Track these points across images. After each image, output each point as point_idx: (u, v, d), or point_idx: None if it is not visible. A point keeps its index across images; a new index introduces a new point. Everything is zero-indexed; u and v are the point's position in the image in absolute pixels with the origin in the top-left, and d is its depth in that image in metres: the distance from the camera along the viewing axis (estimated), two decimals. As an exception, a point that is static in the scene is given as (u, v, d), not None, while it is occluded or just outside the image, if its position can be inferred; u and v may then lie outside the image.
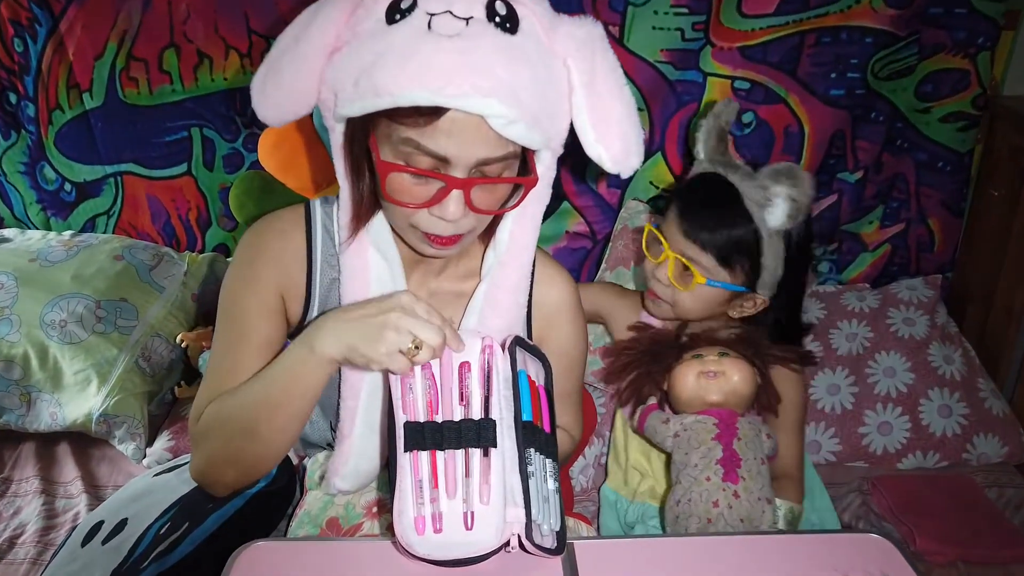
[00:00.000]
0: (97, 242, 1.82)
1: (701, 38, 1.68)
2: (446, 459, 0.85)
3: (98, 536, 1.22)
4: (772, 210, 1.26)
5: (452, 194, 0.85)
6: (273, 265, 1.03)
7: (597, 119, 0.88)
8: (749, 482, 1.18)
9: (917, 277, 1.85)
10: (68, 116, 1.82)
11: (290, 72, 0.86)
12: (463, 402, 0.88)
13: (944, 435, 1.63)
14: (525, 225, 1.00)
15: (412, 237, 0.95)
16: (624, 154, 0.90)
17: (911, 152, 1.80)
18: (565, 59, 0.86)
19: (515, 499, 0.84)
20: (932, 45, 1.69)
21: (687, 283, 1.32)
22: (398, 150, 0.84)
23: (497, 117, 0.80)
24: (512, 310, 1.04)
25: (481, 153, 0.83)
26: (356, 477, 1.06)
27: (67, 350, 1.63)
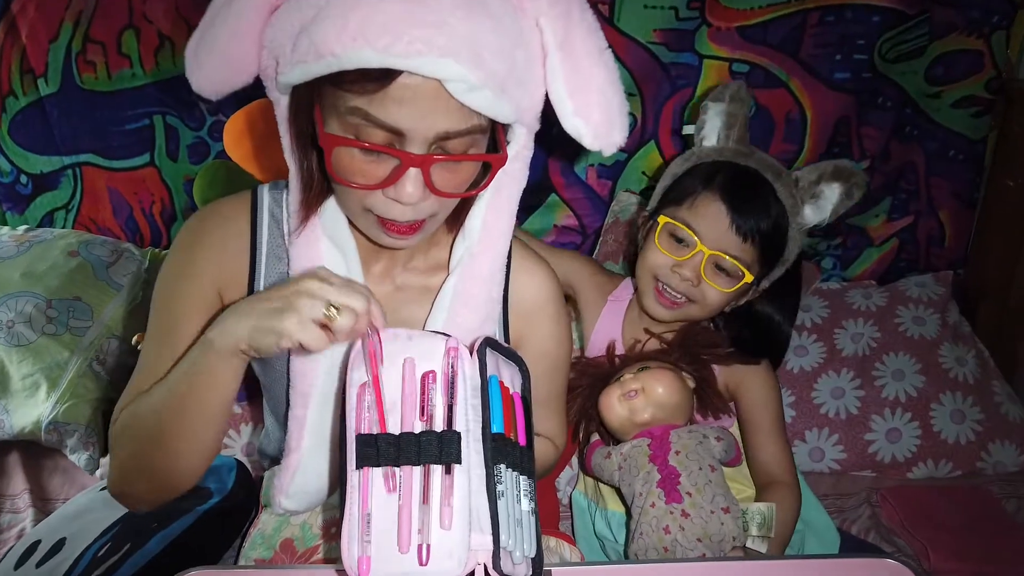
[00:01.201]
0: (52, 237, 1.71)
1: (697, 18, 1.58)
2: (402, 477, 0.75)
3: (33, 558, 1.13)
4: (819, 204, 1.23)
5: (408, 173, 0.75)
6: (211, 256, 0.92)
7: (574, 87, 0.78)
8: (697, 496, 1.11)
9: (926, 273, 1.77)
10: (22, 103, 1.72)
11: (225, 34, 0.76)
12: (424, 417, 0.77)
13: (957, 442, 1.53)
14: (499, 211, 0.89)
15: (366, 224, 0.84)
16: (606, 127, 0.80)
17: (921, 140, 1.71)
18: (537, 18, 0.76)
19: (481, 524, 0.74)
20: (944, 24, 1.60)
21: (724, 282, 1.22)
22: (347, 122, 0.74)
23: (456, 82, 0.69)
24: (485, 305, 0.93)
25: (440, 125, 0.73)
26: (304, 496, 0.95)
27: (14, 353, 1.52)
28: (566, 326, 1.07)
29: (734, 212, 1.18)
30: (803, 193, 1.23)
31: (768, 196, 1.20)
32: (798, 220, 1.22)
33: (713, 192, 1.21)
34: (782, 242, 1.22)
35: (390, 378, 0.80)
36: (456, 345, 0.81)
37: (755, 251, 1.20)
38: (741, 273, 1.20)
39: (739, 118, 1.27)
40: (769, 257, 1.22)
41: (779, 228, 1.20)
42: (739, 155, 1.25)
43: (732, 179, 1.21)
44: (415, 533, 0.73)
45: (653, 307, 1.27)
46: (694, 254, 1.20)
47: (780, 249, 1.22)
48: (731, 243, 1.19)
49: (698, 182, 1.23)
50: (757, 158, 1.24)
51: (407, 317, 0.96)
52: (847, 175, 1.22)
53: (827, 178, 1.23)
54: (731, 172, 1.22)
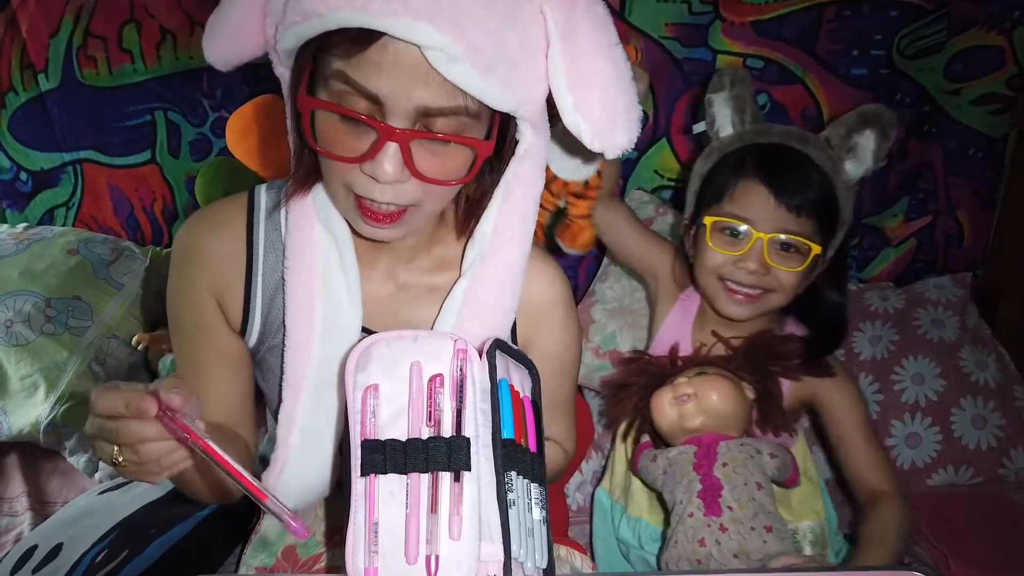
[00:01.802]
0: (51, 235, 1.68)
1: (710, 12, 1.54)
2: (409, 484, 0.71)
3: (29, 563, 1.10)
4: (859, 154, 1.19)
5: (387, 148, 0.71)
6: (203, 268, 0.89)
7: (576, 80, 0.74)
8: (738, 511, 1.07)
9: (944, 275, 1.71)
10: (22, 99, 1.70)
11: (236, 6, 0.76)
12: (431, 423, 0.74)
13: (978, 448, 1.49)
14: (512, 215, 0.85)
15: (346, 206, 0.80)
16: (608, 126, 0.75)
17: (939, 138, 1.66)
18: (541, 5, 0.72)
19: (491, 533, 0.71)
20: (963, 19, 1.55)
21: (794, 261, 1.17)
22: (331, 89, 0.71)
23: (435, 50, 0.66)
24: (496, 313, 0.90)
25: (421, 98, 0.69)
26: (292, 494, 0.91)
27: (12, 353, 1.49)
28: (575, 328, 1.03)
29: (776, 189, 1.15)
30: (838, 150, 1.19)
31: (804, 164, 1.17)
32: (842, 178, 1.19)
33: (749, 176, 1.17)
34: (834, 205, 1.18)
35: (396, 381, 0.77)
36: (465, 347, 0.78)
37: (812, 221, 1.16)
38: (807, 247, 1.16)
39: (746, 99, 1.24)
40: (828, 223, 1.18)
41: (826, 192, 1.17)
42: (760, 134, 1.22)
43: (763, 158, 1.18)
44: (423, 543, 0.70)
45: (729, 308, 1.22)
46: (752, 243, 1.16)
47: (835, 212, 1.18)
48: (786, 220, 1.15)
49: (730, 173, 1.20)
50: (778, 131, 1.22)
51: (411, 318, 0.93)
52: (874, 118, 1.19)
53: (856, 128, 1.19)
54: (759, 152, 1.19)
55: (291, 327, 0.87)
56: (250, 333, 0.91)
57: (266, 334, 0.92)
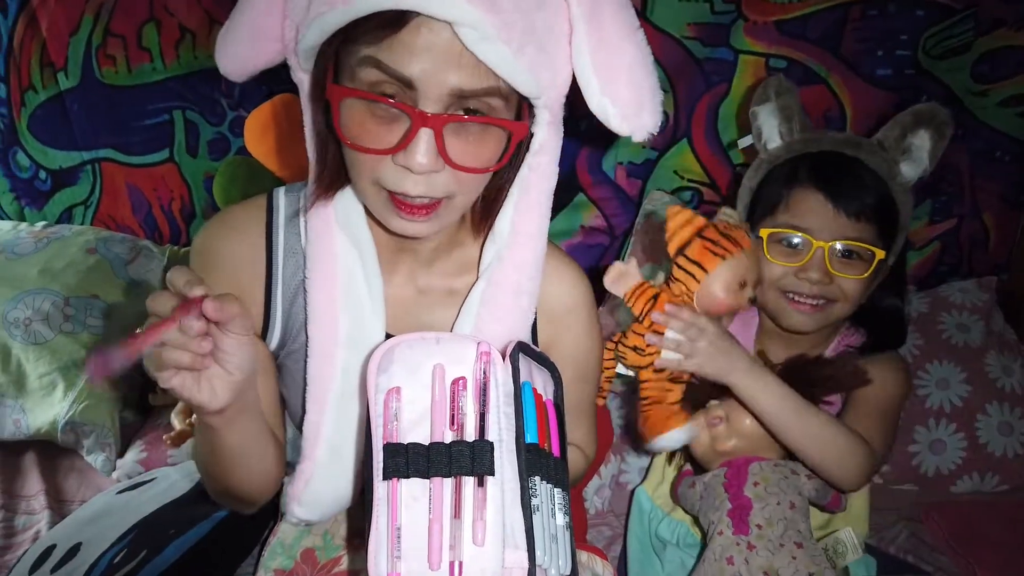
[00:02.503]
0: (70, 234, 1.69)
1: (733, 11, 1.52)
2: (432, 489, 0.71)
3: (48, 562, 1.10)
4: (914, 155, 1.17)
5: (420, 135, 0.70)
6: (223, 273, 0.87)
7: (602, 63, 0.73)
8: (767, 529, 1.05)
9: (969, 278, 1.69)
10: (42, 97, 1.70)
11: (251, 10, 0.76)
12: (454, 426, 0.73)
13: (1004, 455, 1.46)
14: (529, 211, 0.85)
15: (377, 203, 0.78)
16: (635, 108, 0.75)
17: (965, 139, 1.64)
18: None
19: (516, 540, 0.70)
20: (991, 19, 1.53)
21: (857, 267, 1.14)
22: (358, 78, 0.70)
23: (469, 27, 0.65)
24: (514, 314, 0.88)
25: (454, 80, 0.68)
26: (318, 506, 0.90)
27: (31, 351, 1.50)
28: (597, 332, 1.02)
29: (833, 196, 1.13)
30: (892, 152, 1.18)
31: (859, 169, 1.15)
32: (899, 181, 1.17)
33: (803, 185, 1.16)
34: (892, 209, 1.16)
35: (419, 385, 0.76)
36: (488, 349, 0.77)
37: (871, 227, 1.14)
38: (871, 253, 1.13)
39: (793, 108, 1.23)
40: (888, 228, 1.16)
41: (883, 196, 1.15)
42: (810, 143, 1.20)
43: (816, 166, 1.17)
44: (446, 549, 0.69)
45: (794, 320, 1.19)
46: (813, 253, 1.14)
47: (894, 216, 1.17)
48: (845, 227, 1.13)
49: (782, 183, 1.19)
50: (830, 139, 1.20)
51: (430, 322, 0.92)
52: (928, 117, 1.18)
53: (910, 128, 1.18)
54: (812, 160, 1.18)
55: (314, 337, 0.86)
56: (271, 337, 0.91)
57: (286, 338, 0.91)
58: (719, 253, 1.06)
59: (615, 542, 1.36)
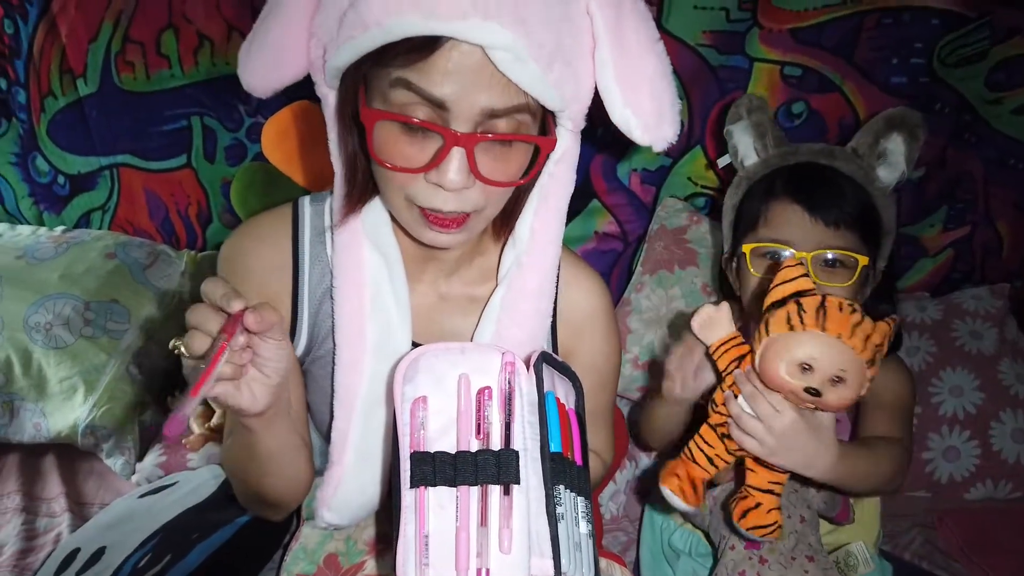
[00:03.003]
0: (89, 238, 1.70)
1: (748, 19, 1.53)
2: (459, 498, 0.71)
3: (73, 566, 1.11)
4: (890, 160, 1.17)
5: (452, 154, 0.72)
6: (252, 280, 0.90)
7: (624, 76, 0.75)
8: (779, 543, 1.05)
9: (982, 286, 1.69)
10: (61, 103, 1.71)
11: (275, 28, 0.77)
12: (480, 435, 0.74)
13: (1018, 462, 1.47)
14: (548, 218, 0.87)
15: (409, 218, 0.81)
16: (656, 118, 0.77)
17: (979, 147, 1.64)
18: (588, 5, 0.74)
19: (541, 548, 0.72)
20: (1006, 28, 1.53)
21: (841, 276, 1.12)
22: (391, 100, 0.72)
23: (502, 50, 0.68)
24: (533, 319, 0.90)
25: (485, 100, 0.71)
26: (347, 511, 0.93)
27: (52, 355, 1.51)
28: (615, 340, 1.04)
29: (810, 206, 1.12)
30: (868, 158, 1.18)
31: (835, 177, 1.16)
32: (877, 187, 1.17)
33: (780, 198, 1.16)
34: (873, 215, 1.16)
35: (444, 394, 0.77)
36: (513, 360, 0.78)
37: (852, 234, 1.13)
38: (854, 260, 1.11)
39: (766, 125, 1.24)
40: (871, 235, 1.16)
41: (862, 203, 1.15)
42: (786, 156, 1.21)
43: (792, 178, 1.17)
44: (473, 557, 0.70)
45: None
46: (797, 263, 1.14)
47: (875, 221, 1.16)
48: (825, 236, 1.12)
49: (761, 198, 1.19)
50: (804, 150, 1.21)
51: (452, 329, 0.94)
52: (899, 120, 1.18)
53: (882, 133, 1.19)
54: (787, 173, 1.19)
55: (341, 346, 0.87)
56: (297, 344, 0.92)
57: (312, 344, 0.93)
58: (793, 322, 0.88)
59: (630, 547, 1.37)
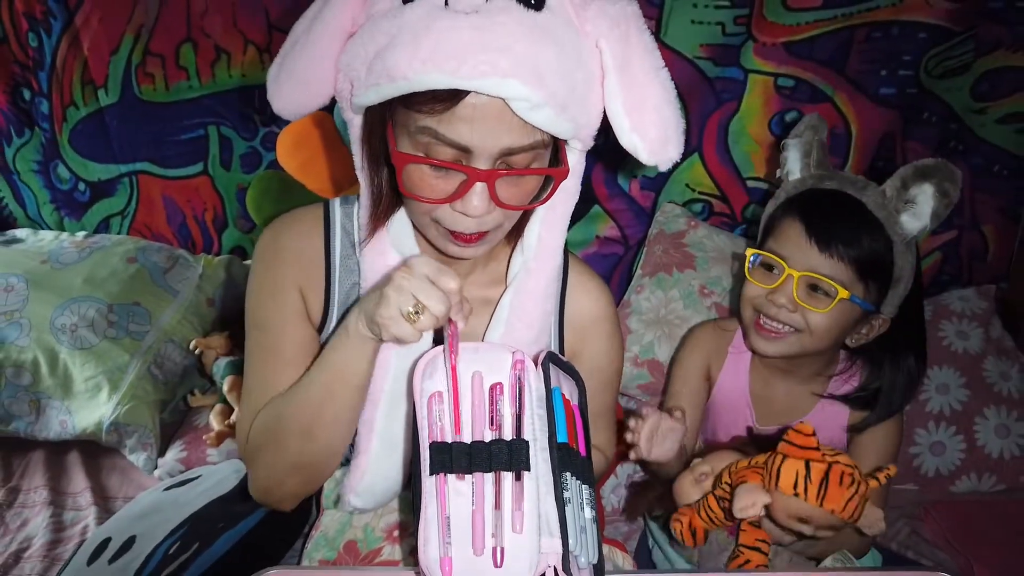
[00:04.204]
0: (110, 244, 1.76)
1: (743, 33, 1.59)
2: (474, 483, 0.78)
3: (105, 554, 1.17)
4: (915, 211, 1.14)
5: (475, 187, 0.79)
6: (292, 266, 0.96)
7: (632, 105, 0.80)
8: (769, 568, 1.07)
9: (969, 287, 1.75)
10: (83, 113, 1.78)
11: (304, 60, 0.82)
12: (494, 427, 0.80)
13: (1001, 456, 1.53)
14: (554, 226, 0.93)
15: (434, 234, 0.88)
16: (662, 143, 0.82)
17: (965, 155, 1.70)
18: (597, 40, 0.79)
19: (550, 528, 0.77)
20: (990, 41, 1.60)
21: (820, 302, 1.15)
22: (416, 140, 0.78)
23: (520, 100, 0.73)
24: (540, 319, 0.97)
25: (505, 142, 0.77)
26: (372, 495, 0.99)
27: (77, 356, 1.57)
28: (619, 343, 1.09)
29: (813, 229, 1.15)
30: (895, 202, 1.15)
31: (855, 210, 1.15)
32: (898, 231, 1.14)
33: (792, 215, 1.18)
34: (884, 258, 1.15)
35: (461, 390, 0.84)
36: (522, 358, 0.84)
37: (847, 268, 1.13)
38: (835, 290, 1.13)
39: (814, 144, 1.24)
40: (873, 275, 1.15)
41: (874, 242, 1.14)
42: (822, 179, 1.21)
43: (811, 200, 1.19)
44: (489, 536, 0.75)
45: (759, 344, 1.22)
46: (784, 279, 1.16)
47: (884, 266, 1.15)
48: (818, 262, 1.14)
49: (780, 212, 1.22)
50: (839, 178, 1.21)
51: (467, 329, 0.99)
52: (931, 171, 1.14)
53: (912, 181, 1.14)
54: (811, 195, 1.20)
55: None
56: (327, 330, 0.99)
57: None
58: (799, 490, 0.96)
59: (632, 537, 1.43)
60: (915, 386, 1.25)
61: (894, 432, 1.26)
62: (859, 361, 1.27)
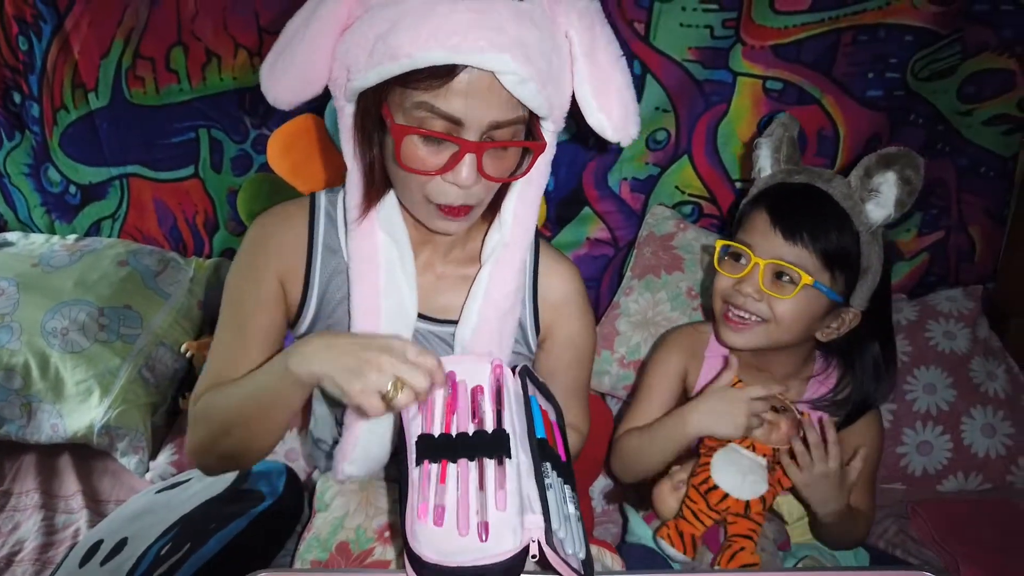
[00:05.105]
0: (101, 247, 1.76)
1: (731, 36, 1.61)
2: (459, 470, 0.83)
3: (96, 556, 1.18)
4: (879, 199, 1.14)
5: (465, 158, 0.87)
6: (273, 253, 1.04)
7: (598, 88, 0.91)
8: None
9: (956, 288, 1.77)
10: (73, 116, 1.78)
11: (301, 51, 0.88)
12: (476, 419, 0.87)
13: (987, 456, 1.55)
14: (527, 203, 1.02)
15: (423, 211, 0.95)
16: (624, 121, 0.93)
17: (952, 156, 1.72)
18: (567, 30, 0.90)
19: (532, 506, 0.80)
20: (976, 44, 1.61)
21: (787, 290, 1.15)
22: (411, 116, 0.86)
23: (510, 74, 0.82)
24: (516, 292, 1.05)
25: (493, 115, 0.85)
26: (366, 461, 1.07)
27: (68, 359, 1.57)
28: (590, 319, 1.17)
29: (778, 218, 1.16)
30: (860, 192, 1.15)
31: (819, 200, 1.16)
32: (863, 220, 1.14)
33: (760, 207, 1.20)
34: (850, 248, 1.15)
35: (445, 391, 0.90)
36: (500, 363, 0.92)
37: (812, 256, 1.14)
38: (798, 276, 1.13)
39: (784, 139, 1.26)
40: (839, 264, 1.15)
41: (839, 233, 1.14)
42: (791, 173, 1.23)
43: (778, 192, 1.21)
44: (474, 514, 0.78)
45: (724, 334, 1.23)
46: (751, 268, 1.17)
47: (850, 256, 1.15)
48: (782, 249, 1.15)
49: (750, 205, 1.23)
50: (808, 171, 1.21)
51: (446, 304, 1.08)
52: (893, 159, 1.13)
53: (875, 169, 1.13)
54: (779, 187, 1.22)
55: (358, 319, 1.01)
56: (305, 313, 1.06)
57: (320, 315, 1.06)
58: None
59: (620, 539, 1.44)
60: (887, 381, 1.25)
61: (874, 430, 1.26)
62: (835, 362, 1.28)
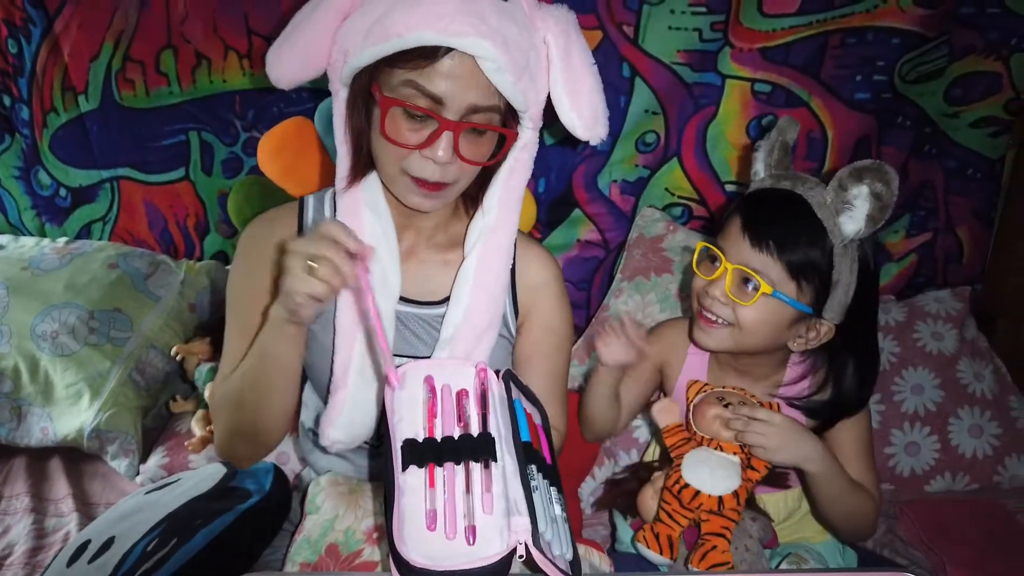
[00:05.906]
0: (91, 249, 1.76)
1: (720, 39, 1.61)
2: (445, 475, 0.83)
3: (84, 555, 1.18)
4: (852, 213, 1.10)
5: (443, 135, 0.93)
6: (265, 256, 1.07)
7: (571, 89, 1.00)
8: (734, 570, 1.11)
9: (944, 289, 1.78)
10: (63, 119, 1.78)
11: (306, 35, 0.97)
12: (461, 423, 0.87)
13: (975, 456, 1.56)
14: (511, 191, 1.08)
15: (400, 185, 1.01)
16: (593, 121, 1.01)
17: (939, 158, 1.73)
18: (545, 35, 0.98)
19: (519, 508, 0.81)
20: (963, 46, 1.62)
21: (748, 296, 1.15)
22: (399, 92, 0.93)
23: (489, 60, 0.90)
24: (503, 276, 1.09)
25: (472, 98, 0.93)
26: (350, 428, 1.08)
27: (58, 362, 1.58)
28: (567, 304, 1.21)
29: (748, 224, 1.15)
30: (835, 204, 1.11)
31: (798, 210, 1.13)
32: (836, 233, 1.11)
33: (735, 211, 1.20)
34: (819, 259, 1.12)
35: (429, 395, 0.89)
36: (485, 367, 0.93)
37: (778, 264, 1.12)
38: (758, 284, 1.13)
39: (776, 143, 1.24)
40: (806, 275, 1.13)
41: (811, 243, 1.12)
42: (778, 179, 1.20)
43: (755, 197, 1.20)
44: (460, 518, 0.79)
45: (696, 334, 1.23)
46: (721, 271, 1.17)
47: (818, 267, 1.12)
48: (749, 256, 1.14)
49: (733, 208, 1.23)
50: (794, 177, 1.18)
51: (429, 288, 1.12)
52: (864, 172, 1.09)
53: (849, 182, 1.10)
54: (759, 193, 1.21)
55: (344, 294, 1.04)
56: None
57: None
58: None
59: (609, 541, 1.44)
60: (860, 396, 1.24)
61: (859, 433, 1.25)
62: (811, 372, 1.27)
